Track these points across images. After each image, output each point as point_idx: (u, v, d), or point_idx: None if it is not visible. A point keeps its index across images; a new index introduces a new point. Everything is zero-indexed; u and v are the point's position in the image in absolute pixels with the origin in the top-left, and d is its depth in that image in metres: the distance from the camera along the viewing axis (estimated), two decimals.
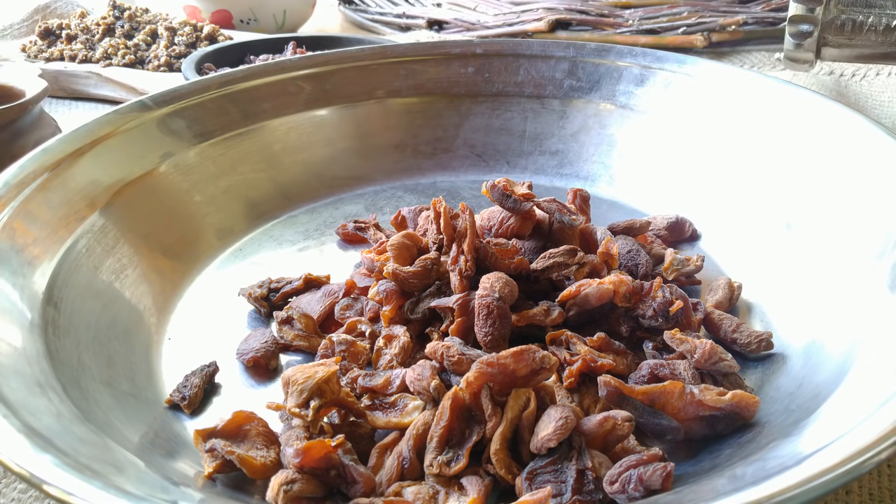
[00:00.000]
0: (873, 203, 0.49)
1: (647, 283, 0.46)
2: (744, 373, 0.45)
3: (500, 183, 0.48)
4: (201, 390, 0.45)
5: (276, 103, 0.69)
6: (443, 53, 0.73)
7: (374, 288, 0.48)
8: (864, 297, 0.45)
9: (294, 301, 0.52)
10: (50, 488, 0.31)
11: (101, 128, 0.58)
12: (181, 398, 0.44)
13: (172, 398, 0.44)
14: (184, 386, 0.45)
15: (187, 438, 0.41)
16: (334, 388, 0.40)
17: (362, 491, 0.36)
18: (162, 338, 0.50)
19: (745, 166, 0.60)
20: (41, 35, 1.06)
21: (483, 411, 0.38)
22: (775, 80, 0.62)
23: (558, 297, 0.46)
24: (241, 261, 0.58)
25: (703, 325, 0.48)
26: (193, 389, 0.44)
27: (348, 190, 0.67)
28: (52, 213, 0.51)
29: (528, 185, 0.51)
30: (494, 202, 0.49)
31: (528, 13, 1.12)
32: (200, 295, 0.54)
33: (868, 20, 0.71)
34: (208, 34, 1.04)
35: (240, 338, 0.49)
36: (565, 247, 0.47)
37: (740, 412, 0.40)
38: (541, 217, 0.50)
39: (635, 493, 0.35)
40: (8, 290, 0.44)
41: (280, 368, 0.47)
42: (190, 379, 0.45)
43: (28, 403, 0.36)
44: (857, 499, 0.40)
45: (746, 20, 1.08)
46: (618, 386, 0.41)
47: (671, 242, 0.58)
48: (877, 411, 0.33)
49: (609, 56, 0.70)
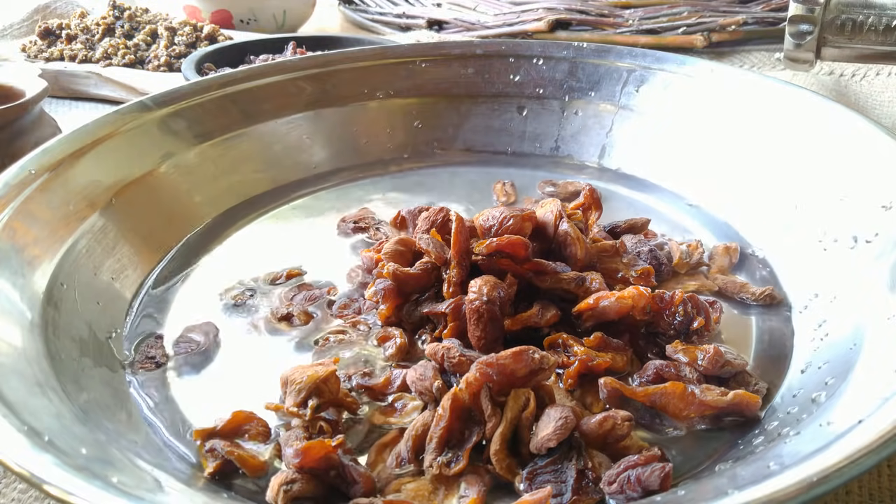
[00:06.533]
0: (873, 203, 0.49)
1: (666, 294, 0.46)
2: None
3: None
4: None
5: (277, 104, 0.69)
6: (443, 54, 0.73)
7: (371, 287, 0.48)
8: (864, 297, 0.45)
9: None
10: (50, 488, 0.31)
11: (101, 128, 0.58)
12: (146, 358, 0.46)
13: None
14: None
15: (187, 438, 0.41)
16: (333, 388, 0.40)
17: (362, 491, 0.36)
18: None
19: (745, 166, 0.60)
20: (41, 35, 1.06)
21: (482, 412, 0.38)
22: (775, 81, 0.62)
23: (574, 309, 0.45)
24: (241, 261, 0.58)
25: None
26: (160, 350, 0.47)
27: (348, 191, 0.67)
28: (52, 213, 0.51)
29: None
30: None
31: (528, 13, 1.12)
32: (200, 294, 0.54)
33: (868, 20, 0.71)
34: (208, 34, 1.04)
35: (240, 337, 0.49)
36: (573, 274, 0.46)
37: (742, 411, 0.40)
38: (543, 220, 0.50)
39: (633, 493, 0.35)
40: (8, 290, 0.44)
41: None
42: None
43: (28, 403, 0.36)
44: (857, 499, 0.40)
45: (746, 20, 1.08)
46: (618, 387, 0.41)
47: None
48: (877, 411, 0.33)
49: (609, 56, 0.70)
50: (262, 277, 0.55)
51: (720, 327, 0.48)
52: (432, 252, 0.47)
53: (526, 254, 0.46)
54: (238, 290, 0.53)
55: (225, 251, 0.59)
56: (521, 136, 0.72)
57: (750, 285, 0.52)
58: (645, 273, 0.49)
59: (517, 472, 0.37)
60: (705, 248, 0.56)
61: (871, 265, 0.46)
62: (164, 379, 0.46)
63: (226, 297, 0.53)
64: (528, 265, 0.46)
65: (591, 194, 0.56)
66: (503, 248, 0.45)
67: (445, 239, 0.48)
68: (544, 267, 0.46)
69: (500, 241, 0.45)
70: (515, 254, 0.46)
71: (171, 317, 0.51)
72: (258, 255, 0.58)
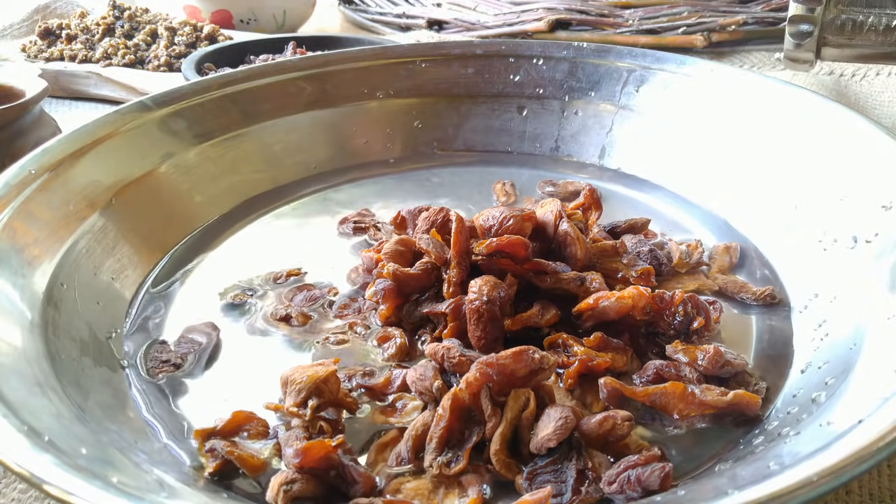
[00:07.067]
0: (873, 203, 0.49)
1: (666, 294, 0.46)
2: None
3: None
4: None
5: (277, 104, 0.69)
6: (443, 54, 0.73)
7: (371, 287, 0.48)
8: (864, 297, 0.45)
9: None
10: (50, 488, 0.31)
11: (101, 128, 0.58)
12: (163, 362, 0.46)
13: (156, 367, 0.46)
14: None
15: (187, 438, 0.41)
16: (332, 388, 0.40)
17: (362, 491, 0.36)
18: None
19: (745, 166, 0.60)
20: (41, 35, 1.07)
21: (482, 412, 0.38)
22: (775, 81, 0.62)
23: (574, 308, 0.45)
24: (241, 261, 0.58)
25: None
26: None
27: (348, 191, 0.67)
28: (52, 213, 0.51)
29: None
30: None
31: (528, 13, 1.12)
32: (200, 295, 0.54)
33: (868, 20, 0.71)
34: (208, 34, 1.04)
35: (240, 337, 0.49)
36: (573, 274, 0.46)
37: (742, 411, 0.40)
38: (543, 220, 0.50)
39: (633, 493, 0.35)
40: (8, 290, 0.44)
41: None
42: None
43: (28, 403, 0.36)
44: (857, 499, 0.40)
45: (746, 20, 1.08)
46: (618, 387, 0.41)
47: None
48: (877, 411, 0.33)
49: (609, 57, 0.70)
50: (262, 277, 0.55)
51: (720, 327, 0.48)
52: (432, 252, 0.47)
53: (526, 254, 0.46)
54: (238, 291, 0.53)
55: (225, 251, 0.59)
56: (521, 136, 0.72)
57: (750, 285, 0.52)
58: (645, 273, 0.49)
59: (517, 471, 0.37)
60: (705, 247, 0.56)
61: (871, 265, 0.46)
62: (165, 379, 0.46)
63: (226, 297, 0.53)
64: (528, 265, 0.46)
65: (591, 194, 0.56)
66: (503, 248, 0.45)
67: (445, 239, 0.48)
68: (544, 267, 0.46)
69: (500, 241, 0.45)
70: (515, 254, 0.46)
71: (171, 317, 0.51)
72: (258, 255, 0.58)
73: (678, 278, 0.53)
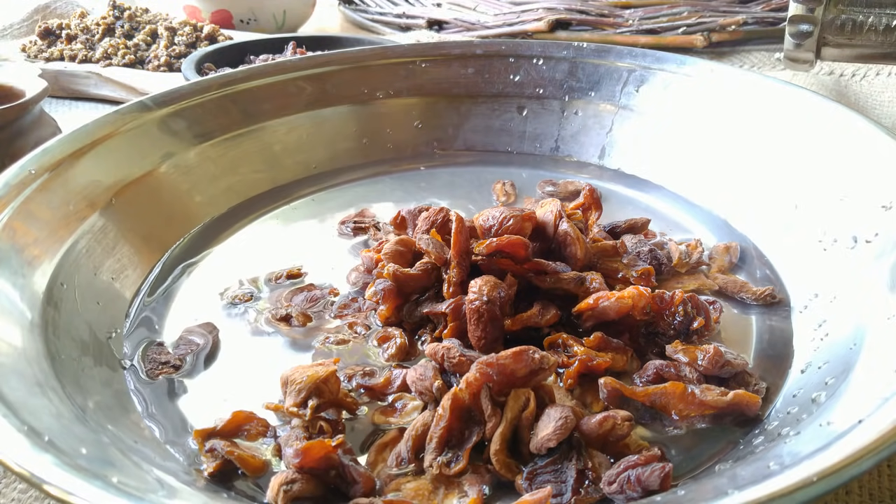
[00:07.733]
0: (873, 203, 0.49)
1: (666, 294, 0.46)
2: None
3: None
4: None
5: (277, 104, 0.69)
6: (443, 54, 0.73)
7: (371, 288, 0.48)
8: (864, 297, 0.45)
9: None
10: (50, 488, 0.31)
11: (101, 128, 0.58)
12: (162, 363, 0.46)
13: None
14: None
15: (187, 438, 0.41)
16: (332, 388, 0.40)
17: (362, 491, 0.36)
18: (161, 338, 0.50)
19: (745, 166, 0.60)
20: (41, 35, 1.07)
21: (482, 412, 0.38)
22: (775, 81, 0.62)
23: (574, 308, 0.45)
24: (241, 261, 0.58)
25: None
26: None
27: (348, 191, 0.67)
28: (52, 213, 0.51)
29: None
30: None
31: (528, 13, 1.12)
32: (200, 295, 0.54)
33: (868, 20, 0.71)
34: (208, 34, 1.04)
35: (240, 337, 0.49)
36: (573, 274, 0.46)
37: (742, 411, 0.40)
38: (543, 220, 0.50)
39: (633, 493, 0.35)
40: (8, 290, 0.44)
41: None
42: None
43: (28, 403, 0.36)
44: (857, 499, 0.40)
45: (746, 20, 1.08)
46: (618, 387, 0.41)
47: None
48: (877, 411, 0.33)
49: (609, 57, 0.70)
50: (263, 277, 0.55)
51: (720, 327, 0.48)
52: (432, 252, 0.47)
53: (526, 254, 0.46)
54: (238, 290, 0.53)
55: (225, 251, 0.59)
56: (521, 136, 0.72)
57: (750, 285, 0.52)
58: (645, 273, 0.49)
59: (517, 471, 0.37)
60: (705, 247, 0.56)
61: (871, 265, 0.46)
62: (165, 379, 0.46)
63: (226, 296, 0.53)
64: (528, 265, 0.46)
65: (591, 194, 0.56)
66: (503, 248, 0.45)
67: (445, 239, 0.48)
68: (544, 267, 0.46)
69: (500, 241, 0.45)
70: (515, 254, 0.46)
71: (172, 317, 0.51)
72: (258, 255, 0.58)
73: (678, 278, 0.53)
